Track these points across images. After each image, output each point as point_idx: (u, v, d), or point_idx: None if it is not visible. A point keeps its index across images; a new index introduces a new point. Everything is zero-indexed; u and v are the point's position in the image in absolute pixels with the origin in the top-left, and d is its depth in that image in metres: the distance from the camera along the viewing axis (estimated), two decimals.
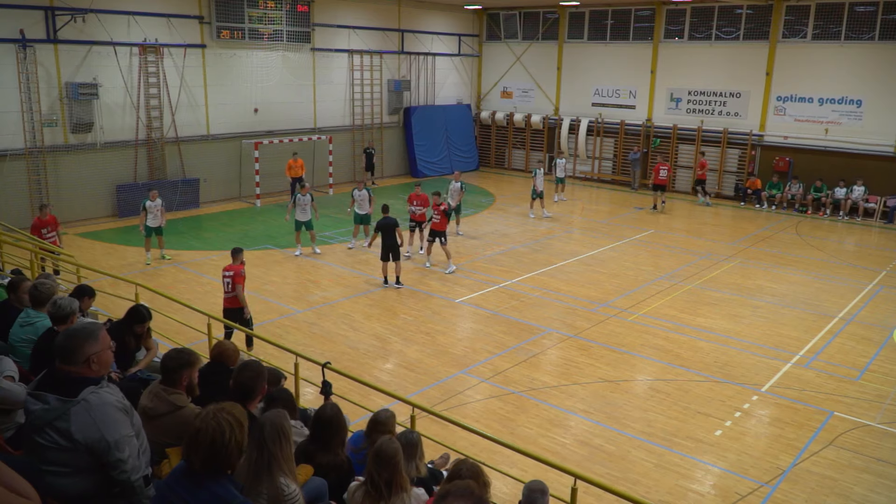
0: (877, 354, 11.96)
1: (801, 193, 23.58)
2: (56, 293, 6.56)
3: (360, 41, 26.61)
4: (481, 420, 9.44)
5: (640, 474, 8.28)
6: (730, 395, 10.34)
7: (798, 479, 8.25)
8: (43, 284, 6.59)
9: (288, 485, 3.87)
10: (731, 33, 25.20)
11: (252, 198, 23.14)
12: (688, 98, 26.29)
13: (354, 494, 4.37)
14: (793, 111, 24.02)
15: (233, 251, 11.23)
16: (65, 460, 3.60)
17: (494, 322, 13.12)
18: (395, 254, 14.53)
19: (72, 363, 3.79)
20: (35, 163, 18.60)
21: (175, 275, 15.47)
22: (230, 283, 10.77)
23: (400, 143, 29.29)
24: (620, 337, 12.51)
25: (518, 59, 30.83)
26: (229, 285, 10.79)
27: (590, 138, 28.69)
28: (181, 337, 10.21)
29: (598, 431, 9.24)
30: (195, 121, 22.13)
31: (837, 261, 17.79)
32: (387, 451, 4.31)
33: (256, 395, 4.79)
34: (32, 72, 18.18)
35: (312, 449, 4.80)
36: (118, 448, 3.62)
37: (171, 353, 4.89)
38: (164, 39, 20.79)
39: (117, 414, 3.70)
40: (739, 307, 14.12)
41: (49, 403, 3.62)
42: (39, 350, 5.71)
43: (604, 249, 18.37)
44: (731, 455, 8.74)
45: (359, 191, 17.70)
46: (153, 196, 15.90)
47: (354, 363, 11.15)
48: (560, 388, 10.47)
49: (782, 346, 12.27)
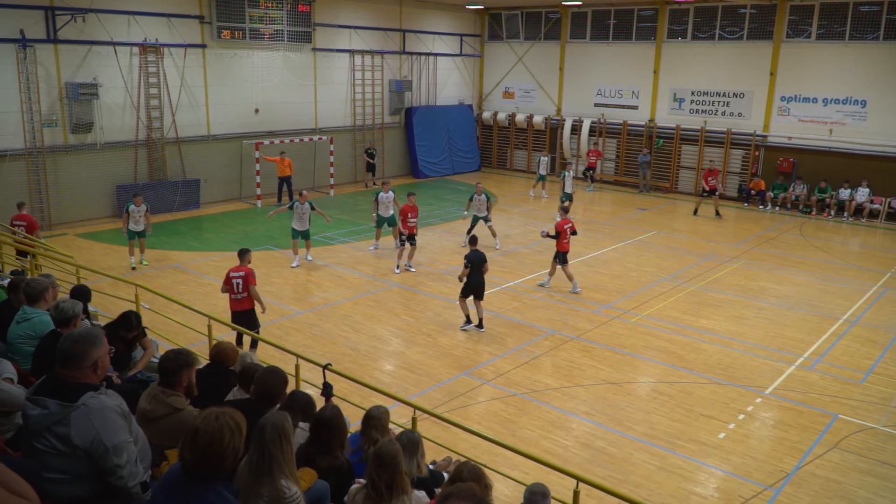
0: (882, 356, 11.88)
1: (805, 194, 23.49)
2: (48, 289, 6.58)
3: (361, 41, 26.56)
4: (483, 422, 9.37)
5: (643, 477, 8.21)
6: (733, 398, 10.26)
7: (802, 482, 8.17)
8: (34, 280, 6.62)
9: (289, 487, 3.85)
10: (734, 33, 25.11)
11: (253, 198, 23.09)
12: (691, 98, 26.21)
13: (355, 497, 4.34)
14: (797, 111, 23.92)
15: (240, 252, 10.82)
16: (63, 466, 3.58)
17: (496, 323, 13.05)
18: (480, 293, 12.70)
19: (76, 368, 3.77)
20: (35, 163, 18.55)
21: (175, 275, 15.41)
22: (241, 285, 10.36)
23: (401, 143, 29.24)
24: (623, 338, 12.44)
25: (520, 60, 30.77)
26: (240, 286, 10.37)
27: (592, 139, 28.62)
28: (181, 338, 10.15)
29: (600, 434, 9.17)
30: (196, 121, 22.09)
31: (842, 262, 17.69)
32: (387, 453, 4.28)
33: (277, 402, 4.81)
34: (32, 72, 18.13)
35: (312, 451, 4.77)
36: (116, 453, 3.60)
37: (169, 355, 4.84)
38: (165, 39, 20.75)
39: (117, 419, 3.68)
40: (743, 309, 14.03)
41: (48, 408, 3.60)
42: (42, 352, 5.68)
43: (606, 250, 18.29)
44: (735, 458, 8.66)
45: (384, 193, 17.50)
46: (137, 201, 15.49)
47: (355, 365, 11.09)
48: (562, 390, 10.40)
49: (786, 348, 12.19)
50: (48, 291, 6.63)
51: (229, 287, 10.47)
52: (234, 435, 3.25)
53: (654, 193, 26.60)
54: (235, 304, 10.50)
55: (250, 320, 10.48)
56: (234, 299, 10.48)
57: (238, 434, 3.28)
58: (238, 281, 10.39)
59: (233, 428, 3.26)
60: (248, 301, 10.48)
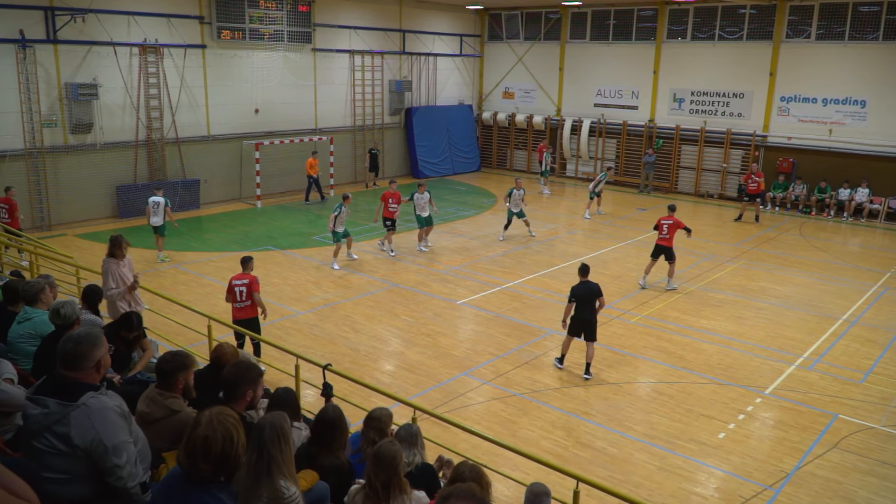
0: (881, 356, 11.88)
1: (804, 194, 23.50)
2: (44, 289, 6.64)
3: (361, 41, 26.56)
4: (483, 422, 9.37)
5: (643, 477, 8.21)
6: (733, 398, 10.27)
7: (802, 482, 8.17)
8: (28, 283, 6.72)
9: (288, 487, 3.83)
10: (734, 33, 25.11)
11: (253, 199, 23.09)
12: (691, 98, 26.21)
13: (355, 497, 4.34)
14: (796, 112, 23.93)
15: (242, 260, 10.58)
16: (63, 465, 3.59)
17: (496, 324, 13.05)
18: (591, 332, 10.83)
19: (79, 369, 3.78)
20: (34, 163, 18.56)
21: (175, 276, 15.41)
22: (244, 293, 10.16)
23: (401, 143, 29.24)
24: (623, 339, 12.44)
25: (520, 60, 30.78)
26: (243, 294, 10.17)
27: (592, 139, 28.63)
28: (181, 338, 10.16)
29: (600, 434, 9.17)
30: (195, 121, 22.09)
31: (842, 262, 17.70)
32: (386, 454, 4.28)
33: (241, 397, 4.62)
34: (32, 72, 18.14)
35: (314, 451, 4.78)
36: (115, 453, 3.61)
37: (167, 357, 4.84)
38: (165, 40, 20.75)
39: (117, 419, 3.70)
40: (743, 309, 14.03)
41: (49, 408, 3.61)
42: (44, 352, 5.71)
43: (606, 251, 18.29)
44: (735, 458, 8.67)
45: (419, 194, 17.50)
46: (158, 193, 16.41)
47: (355, 365, 11.09)
48: (562, 391, 10.40)
49: (786, 348, 12.19)
50: (44, 292, 6.68)
51: (232, 296, 10.26)
52: (239, 433, 3.28)
53: (655, 194, 26.60)
54: (239, 313, 10.27)
55: (255, 328, 10.26)
56: (238, 307, 10.28)
57: (241, 430, 3.32)
58: (242, 289, 10.20)
59: (237, 426, 3.29)
60: (252, 309, 10.29)
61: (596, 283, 10.88)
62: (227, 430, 3.23)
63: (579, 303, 10.76)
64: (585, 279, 10.90)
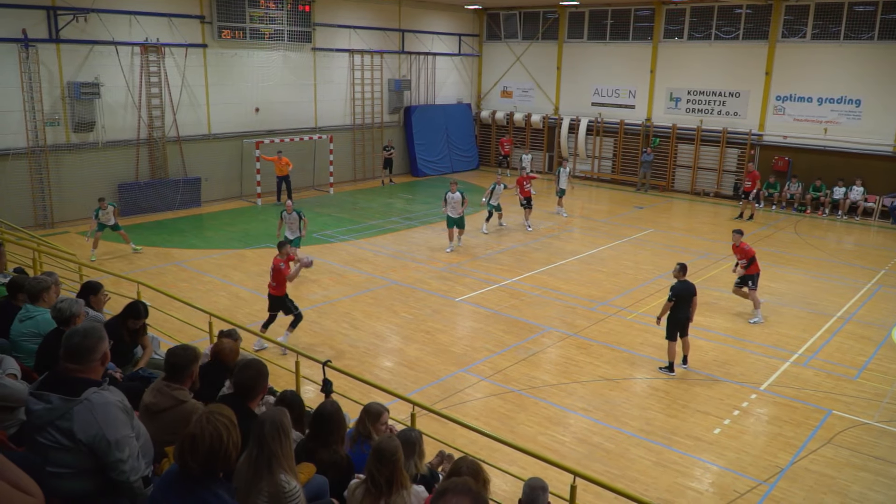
0: (875, 353, 12.01)
1: (800, 193, 23.64)
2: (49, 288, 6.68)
3: (360, 41, 26.65)
4: (481, 418, 9.49)
5: (639, 472, 8.33)
6: (728, 394, 10.39)
7: (796, 477, 8.30)
8: (35, 279, 6.73)
9: (288, 482, 3.89)
10: (730, 33, 25.23)
11: (253, 197, 23.18)
12: (687, 98, 26.33)
13: (355, 492, 4.39)
14: (792, 111, 24.06)
15: (278, 245, 11.94)
16: (66, 460, 3.64)
17: (494, 321, 13.17)
18: (686, 329, 11.22)
19: (83, 363, 3.81)
20: (37, 162, 18.64)
21: (177, 273, 15.52)
22: (272, 275, 11.51)
23: (400, 142, 29.31)
24: (620, 335, 12.57)
25: (518, 59, 30.87)
26: (271, 275, 11.53)
27: (589, 138, 28.74)
28: (182, 335, 10.27)
29: (597, 429, 9.29)
30: (196, 120, 22.18)
31: (836, 260, 17.83)
32: (387, 449, 4.34)
33: (258, 395, 4.81)
34: (35, 71, 18.22)
35: (312, 446, 4.83)
36: (118, 448, 3.65)
37: (177, 350, 4.93)
38: (166, 39, 20.84)
39: (119, 414, 3.73)
40: (738, 306, 14.15)
41: (51, 403, 3.65)
42: (45, 349, 5.76)
43: (603, 248, 18.41)
44: (730, 453, 8.79)
45: (451, 193, 17.56)
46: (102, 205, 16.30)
47: (355, 361, 11.20)
48: (559, 387, 10.52)
49: (781, 344, 12.32)
50: (49, 290, 6.71)
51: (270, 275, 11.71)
52: (230, 431, 3.30)
53: (652, 192, 26.73)
54: (270, 290, 11.65)
55: (278, 305, 11.55)
56: (269, 285, 11.68)
57: (233, 428, 3.34)
58: (270, 272, 11.63)
59: (227, 425, 3.31)
60: (278, 288, 11.47)
61: (693, 283, 11.09)
62: (216, 429, 3.25)
63: (679, 302, 10.90)
64: (684, 279, 10.99)
